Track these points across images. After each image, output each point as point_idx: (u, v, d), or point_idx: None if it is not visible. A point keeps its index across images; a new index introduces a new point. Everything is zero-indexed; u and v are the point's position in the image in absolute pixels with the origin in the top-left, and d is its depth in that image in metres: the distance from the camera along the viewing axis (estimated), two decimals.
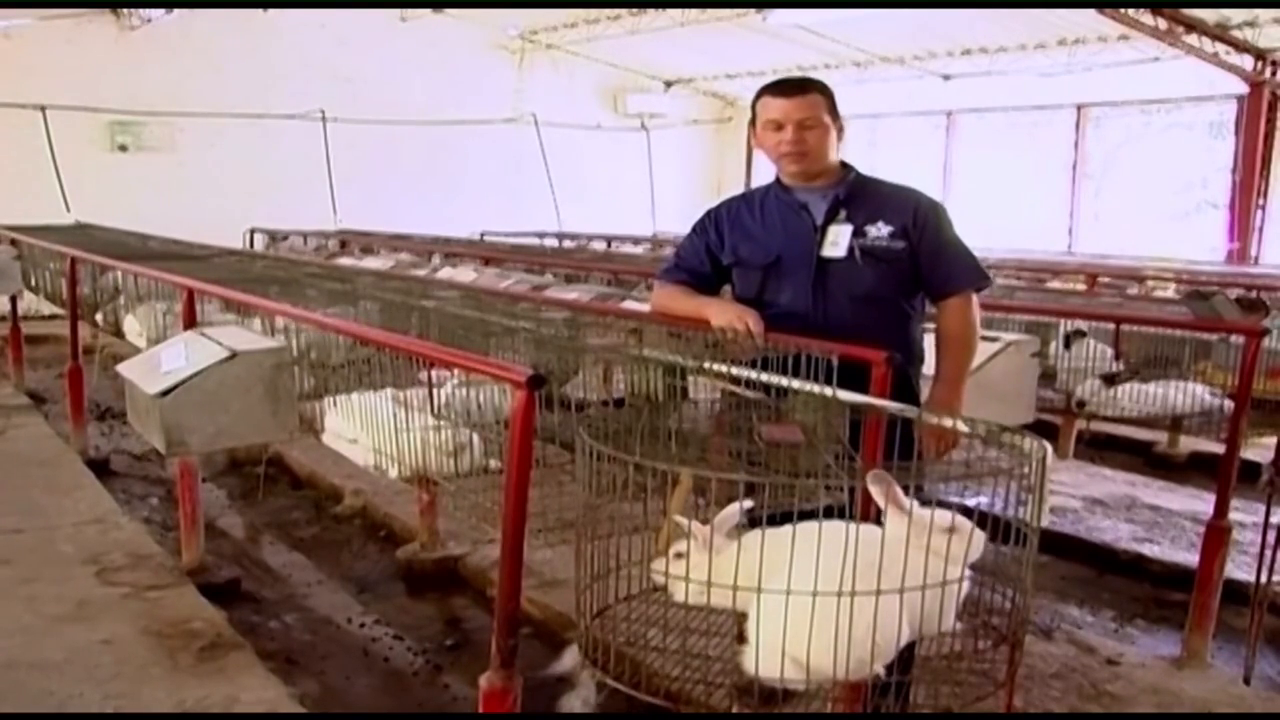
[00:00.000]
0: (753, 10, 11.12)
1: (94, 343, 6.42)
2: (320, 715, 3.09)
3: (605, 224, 13.00)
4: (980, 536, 1.80)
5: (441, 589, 4.22)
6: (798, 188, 2.79)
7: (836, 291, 2.72)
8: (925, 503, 1.82)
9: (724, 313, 2.71)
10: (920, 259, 2.71)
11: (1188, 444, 6.02)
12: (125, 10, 11.77)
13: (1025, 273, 8.51)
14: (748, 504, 1.83)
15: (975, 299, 2.78)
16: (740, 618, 1.80)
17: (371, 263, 7.76)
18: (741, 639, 1.79)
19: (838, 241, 2.71)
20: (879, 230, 2.70)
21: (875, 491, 1.80)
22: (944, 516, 1.79)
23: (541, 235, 11.81)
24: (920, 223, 2.70)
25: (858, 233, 2.71)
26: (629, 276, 6.51)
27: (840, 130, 2.77)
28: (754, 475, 2.18)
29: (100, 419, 6.59)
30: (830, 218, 2.74)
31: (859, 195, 2.76)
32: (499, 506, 2.31)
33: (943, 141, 14.16)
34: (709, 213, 3.00)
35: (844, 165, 2.84)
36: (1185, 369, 5.12)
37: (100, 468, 5.38)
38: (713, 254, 2.92)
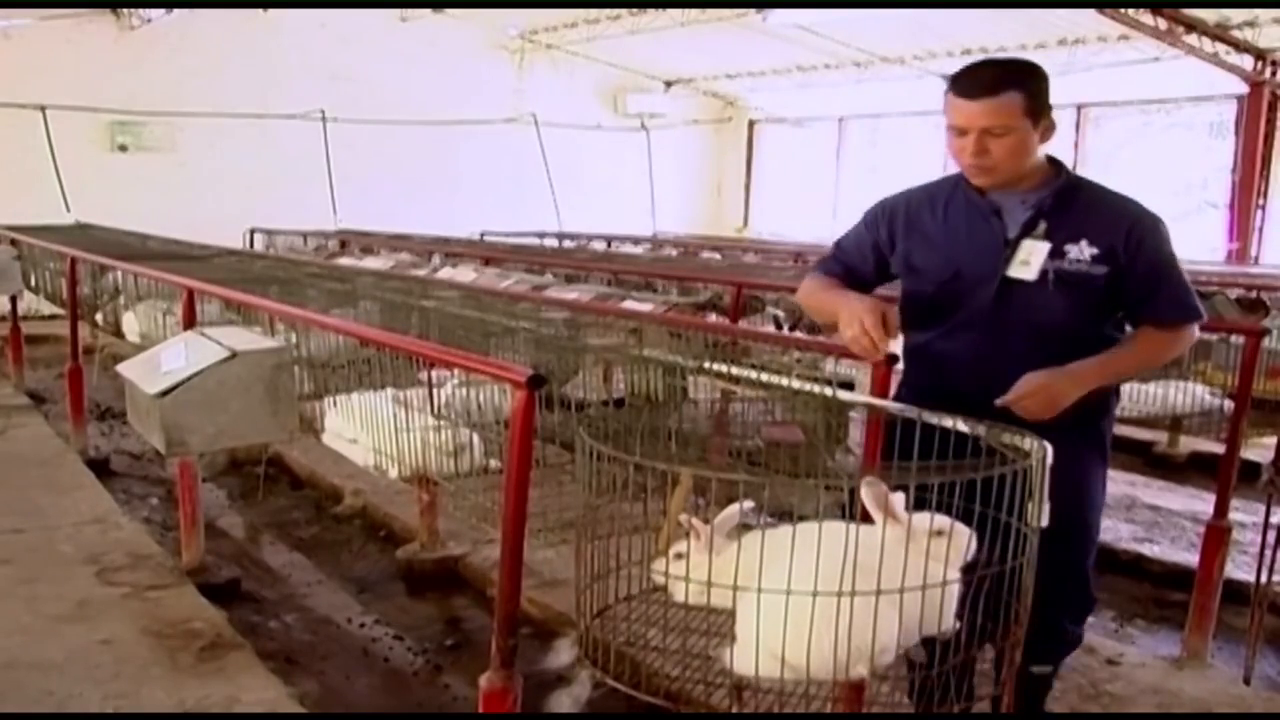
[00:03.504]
0: (753, 10, 11.12)
1: (94, 343, 6.43)
2: (320, 715, 3.09)
3: (605, 224, 13.00)
4: (969, 538, 1.80)
5: (441, 589, 4.22)
6: (993, 189, 2.34)
7: (1018, 321, 2.27)
8: (922, 504, 1.82)
9: (852, 320, 2.23)
10: (1127, 284, 2.26)
11: (1188, 444, 6.01)
12: (125, 10, 11.77)
13: None
14: (748, 504, 1.83)
15: (1186, 332, 2.34)
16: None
17: (371, 263, 7.77)
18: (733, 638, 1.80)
19: (1030, 261, 2.26)
20: (1080, 251, 2.25)
21: (867, 496, 1.80)
22: (935, 520, 1.79)
23: (541, 235, 11.80)
24: (1133, 244, 2.24)
25: (1056, 252, 2.25)
26: (629, 276, 6.52)
27: (1047, 128, 2.27)
28: (754, 475, 2.18)
29: (100, 419, 6.59)
30: (1026, 230, 2.29)
31: (1066, 205, 2.29)
32: (499, 506, 2.32)
33: (943, 141, 14.14)
34: (883, 205, 2.54)
35: (1053, 163, 2.36)
36: (1185, 369, 5.11)
37: (100, 468, 5.38)
38: (879, 254, 2.50)
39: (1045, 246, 2.25)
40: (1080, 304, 2.27)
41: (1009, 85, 2.21)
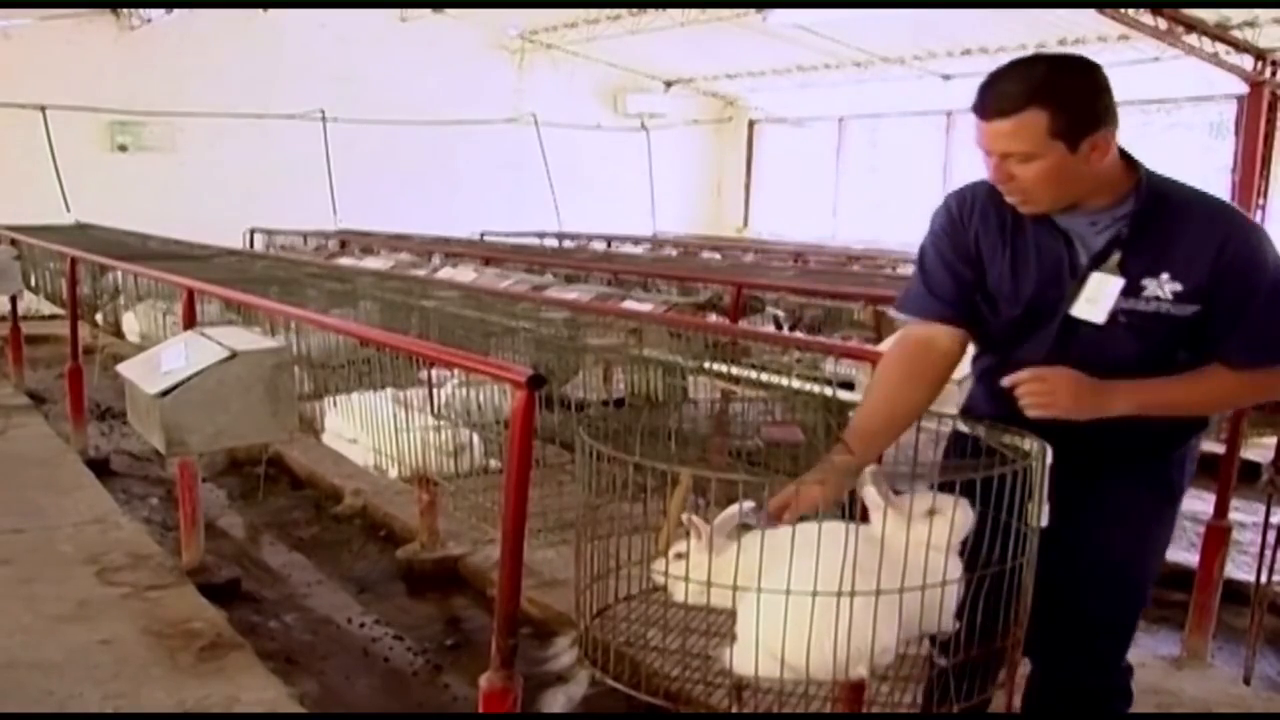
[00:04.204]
0: (753, 10, 11.12)
1: (94, 343, 6.42)
2: (320, 715, 3.09)
3: (605, 224, 12.99)
4: (965, 515, 1.79)
5: (441, 589, 4.22)
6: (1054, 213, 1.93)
7: (1082, 365, 1.89)
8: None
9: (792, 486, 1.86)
10: (1215, 319, 1.87)
11: None
12: (125, 10, 11.76)
13: None
14: (749, 504, 1.83)
15: (1264, 376, 1.91)
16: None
17: (371, 263, 7.77)
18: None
19: (1097, 299, 1.88)
20: (1161, 287, 1.86)
21: (868, 494, 1.80)
22: (922, 500, 1.79)
23: (541, 235, 11.80)
24: (1223, 271, 1.83)
25: (1131, 288, 1.86)
26: (629, 276, 6.52)
27: (1096, 147, 1.83)
28: (754, 475, 2.18)
29: (100, 419, 6.59)
30: (1097, 261, 1.89)
31: (1146, 229, 1.87)
32: (499, 506, 2.32)
33: (943, 141, 14.16)
34: (952, 205, 2.05)
35: (1129, 168, 1.92)
36: None
37: (100, 468, 5.38)
38: (972, 269, 2.01)
39: (1118, 284, 1.86)
40: (1159, 347, 1.90)
41: (1029, 102, 1.79)
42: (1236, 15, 9.95)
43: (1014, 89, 1.82)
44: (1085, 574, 2.01)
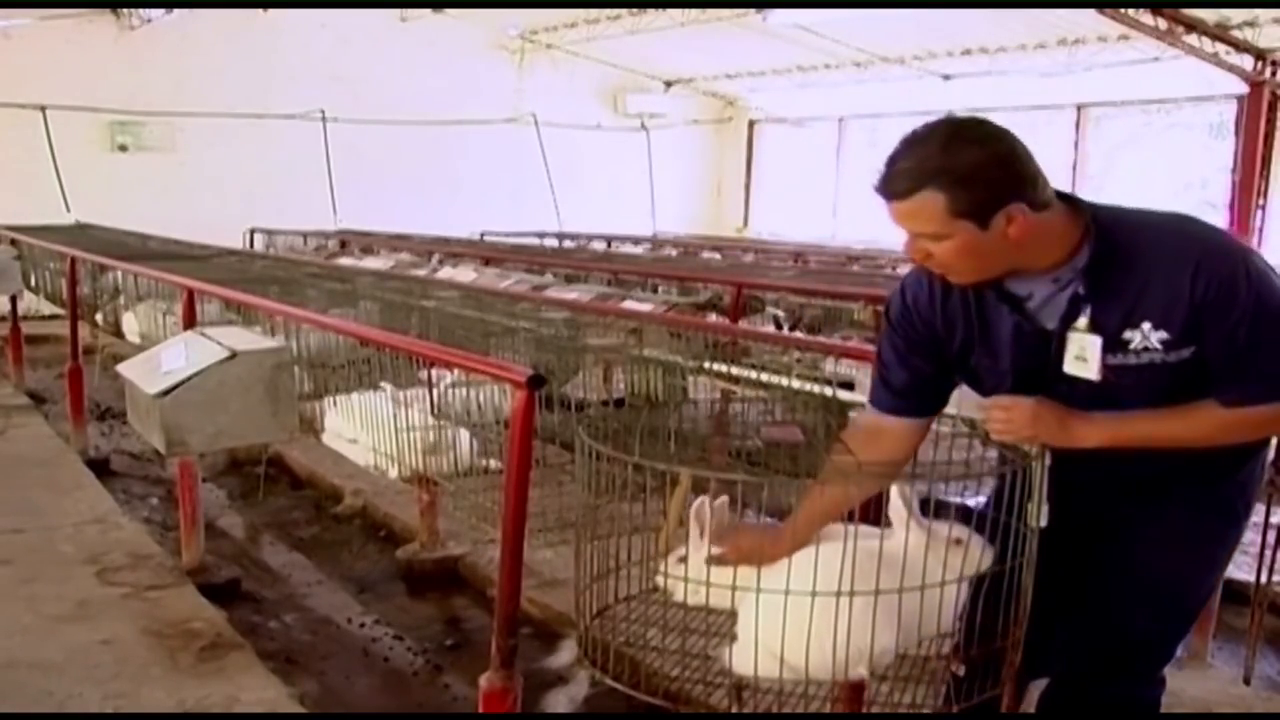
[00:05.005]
0: (753, 10, 11.12)
1: (94, 343, 6.43)
2: (320, 715, 3.09)
3: (605, 224, 12.99)
4: (982, 551, 1.80)
5: (441, 589, 4.22)
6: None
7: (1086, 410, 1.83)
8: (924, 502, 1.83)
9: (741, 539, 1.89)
10: (1209, 357, 1.75)
11: None
12: (125, 10, 11.76)
13: None
14: (720, 500, 1.83)
15: (1254, 413, 1.76)
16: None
17: (371, 263, 7.77)
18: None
19: (1085, 356, 1.77)
20: (1148, 338, 1.74)
21: (897, 504, 1.80)
22: (955, 530, 1.79)
23: (541, 235, 11.80)
24: (1201, 306, 1.70)
25: (1114, 344, 1.76)
26: (629, 276, 6.52)
27: (1012, 219, 1.69)
28: (754, 475, 2.18)
29: (100, 419, 6.59)
30: (1066, 324, 1.79)
31: (1107, 277, 1.75)
32: (499, 506, 2.32)
33: None
34: (907, 292, 1.98)
35: (1075, 215, 1.78)
36: None
37: (100, 468, 5.37)
38: (934, 344, 1.95)
39: (1096, 342, 1.76)
40: (1169, 394, 1.78)
41: (921, 184, 1.69)
42: (1236, 15, 9.95)
43: (906, 169, 1.70)
44: (1138, 595, 1.97)
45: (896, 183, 1.71)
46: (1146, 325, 1.74)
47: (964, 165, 1.68)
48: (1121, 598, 1.98)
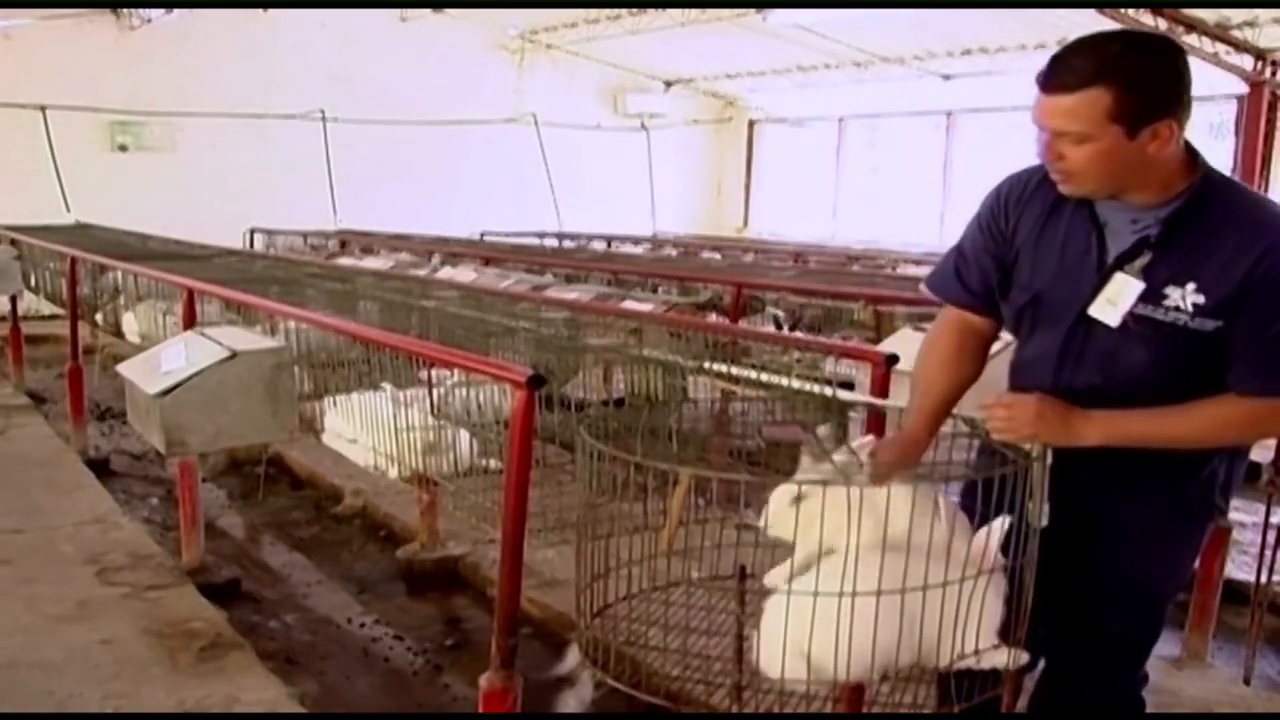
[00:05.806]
0: (753, 10, 11.12)
1: (94, 343, 6.42)
2: (320, 715, 3.09)
3: (605, 224, 12.99)
4: (996, 581, 1.80)
5: (441, 589, 4.22)
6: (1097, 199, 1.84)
7: (1091, 367, 1.86)
8: None
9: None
10: (1235, 337, 1.75)
11: None
12: (125, 10, 11.76)
13: None
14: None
15: (1265, 406, 1.77)
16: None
17: (371, 263, 7.76)
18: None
19: (1116, 301, 1.79)
20: (1183, 298, 1.75)
21: (980, 539, 1.79)
22: (991, 556, 1.79)
23: (541, 235, 11.80)
24: (1253, 286, 1.70)
25: (1152, 295, 1.77)
26: (629, 276, 6.51)
27: (1157, 136, 1.70)
28: (754, 475, 2.18)
29: (100, 419, 6.59)
30: (1124, 261, 1.80)
31: (1187, 228, 1.77)
32: (499, 506, 2.31)
33: (943, 141, 14.16)
34: (1003, 189, 1.98)
35: (1190, 166, 1.79)
36: None
37: (100, 468, 5.38)
38: (999, 263, 1.96)
39: (1138, 287, 1.76)
40: (1171, 362, 1.79)
41: (1095, 80, 1.67)
42: (1236, 15, 9.96)
43: (1081, 64, 1.70)
44: (1105, 592, 1.99)
45: (1068, 75, 1.70)
46: (1191, 285, 1.75)
47: (1141, 69, 1.70)
48: (1090, 599, 2.00)
